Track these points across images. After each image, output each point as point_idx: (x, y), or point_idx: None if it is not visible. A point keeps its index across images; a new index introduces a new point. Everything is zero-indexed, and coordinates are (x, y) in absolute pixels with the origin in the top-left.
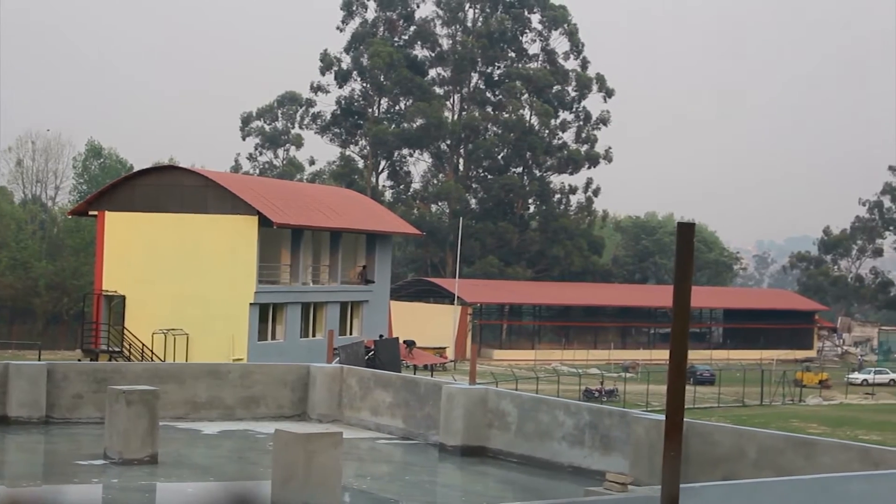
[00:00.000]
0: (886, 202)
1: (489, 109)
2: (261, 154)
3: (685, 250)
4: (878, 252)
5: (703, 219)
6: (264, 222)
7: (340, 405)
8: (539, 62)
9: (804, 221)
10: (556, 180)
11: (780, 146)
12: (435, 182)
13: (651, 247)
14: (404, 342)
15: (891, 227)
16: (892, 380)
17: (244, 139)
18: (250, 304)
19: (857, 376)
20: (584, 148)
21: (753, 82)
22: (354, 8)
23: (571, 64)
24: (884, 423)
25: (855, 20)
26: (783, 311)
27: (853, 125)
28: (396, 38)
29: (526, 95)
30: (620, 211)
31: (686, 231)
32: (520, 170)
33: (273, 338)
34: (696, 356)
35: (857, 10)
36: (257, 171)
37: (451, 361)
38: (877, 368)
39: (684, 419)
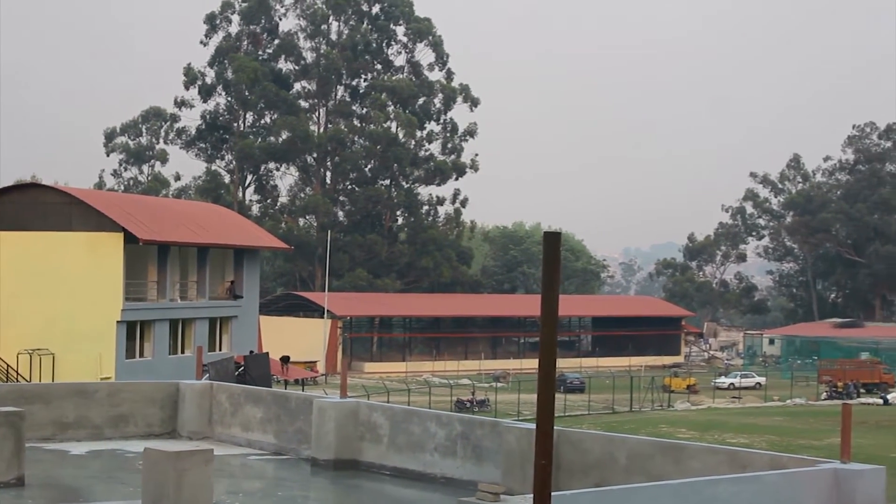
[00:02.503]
0: (749, 208)
1: (355, 122)
2: (125, 170)
3: (552, 259)
4: (742, 257)
5: (569, 228)
6: (130, 239)
7: (211, 422)
8: (404, 74)
9: (669, 228)
10: (424, 191)
11: (644, 154)
12: (302, 195)
13: (519, 256)
14: (280, 358)
15: (753, 233)
16: (758, 383)
17: (108, 155)
18: (117, 321)
19: (724, 380)
20: (451, 158)
21: (616, 92)
22: (218, 22)
23: (436, 75)
24: (750, 426)
25: (707, 32)
26: (650, 318)
27: (714, 132)
28: (260, 52)
29: (392, 107)
30: (488, 221)
31: (552, 240)
32: (387, 182)
33: (141, 355)
34: (565, 364)
35: (706, 26)
36: (122, 187)
37: (322, 375)
38: (743, 372)
39: (555, 427)
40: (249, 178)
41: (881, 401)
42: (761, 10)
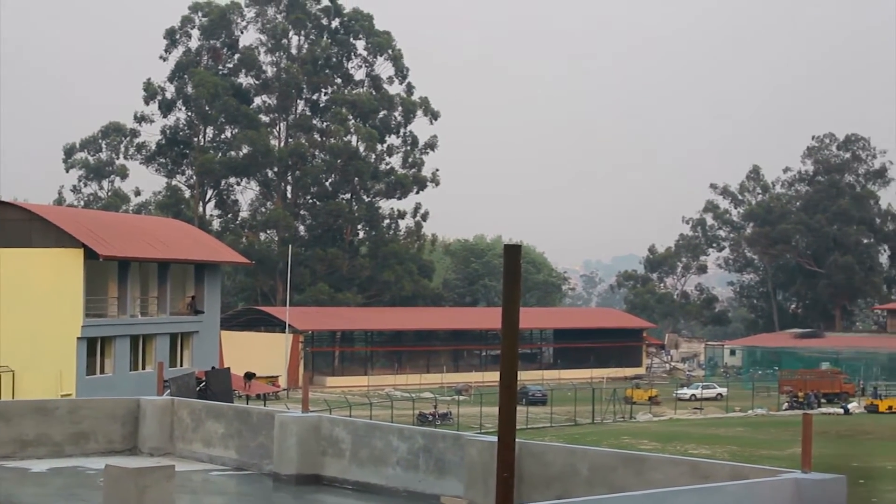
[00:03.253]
0: (709, 219)
1: (316, 136)
2: (85, 186)
3: (513, 272)
4: (703, 269)
5: (530, 240)
6: (90, 255)
7: (172, 438)
8: (365, 88)
9: (630, 241)
10: (385, 205)
11: (605, 166)
12: (263, 210)
13: (480, 269)
14: (244, 374)
15: (714, 244)
16: (720, 394)
17: (67, 171)
18: (77, 338)
19: (686, 392)
20: (412, 172)
21: (577, 104)
22: (178, 37)
23: (396, 89)
24: (712, 437)
25: (664, 45)
26: (612, 330)
27: (674, 144)
28: (221, 67)
29: (352, 121)
30: (449, 234)
31: (513, 253)
32: (348, 196)
33: (102, 372)
34: (527, 377)
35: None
36: (82, 203)
37: (284, 390)
38: (704, 383)
39: (517, 440)
40: (210, 192)
41: (842, 410)
42: (719, 20)
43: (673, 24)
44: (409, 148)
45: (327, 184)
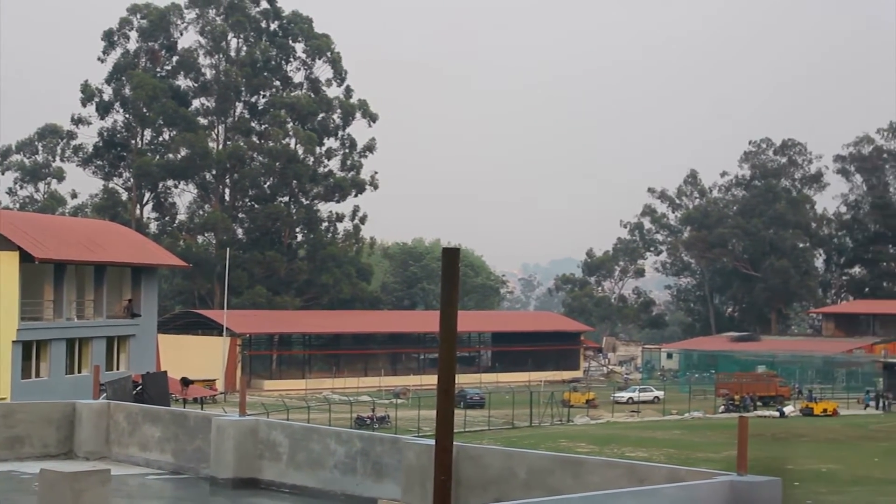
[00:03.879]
0: (647, 224)
1: (254, 139)
2: (21, 188)
3: (451, 275)
4: (640, 272)
5: (469, 244)
6: (25, 258)
7: (108, 441)
8: (303, 90)
9: (568, 244)
10: (324, 208)
11: (543, 169)
12: (201, 213)
13: (419, 273)
14: (181, 380)
15: (651, 248)
16: (657, 397)
17: (3, 173)
18: (13, 341)
19: (623, 395)
20: (350, 175)
21: (513, 106)
22: (116, 38)
23: (335, 91)
24: (649, 440)
25: (603, 49)
26: (550, 333)
27: (612, 148)
28: (159, 69)
29: (291, 124)
30: (388, 238)
31: (451, 256)
32: (286, 198)
33: (37, 375)
34: (465, 380)
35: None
36: (17, 205)
37: (222, 393)
38: (641, 386)
39: (454, 443)
40: (147, 195)
41: (777, 413)
42: (657, 26)
43: (611, 28)
44: (347, 151)
45: (266, 187)
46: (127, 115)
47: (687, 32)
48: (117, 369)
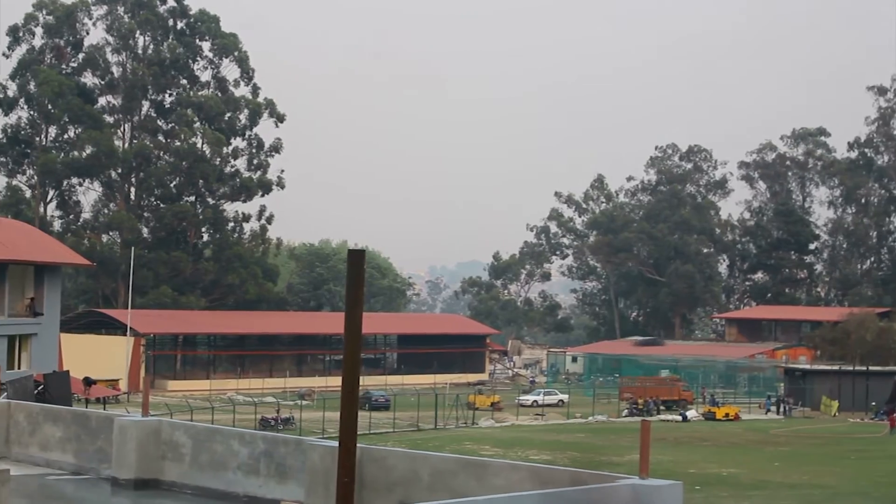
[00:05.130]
0: (553, 227)
1: (161, 137)
2: None
3: (356, 277)
4: (546, 276)
5: (376, 245)
6: None
7: (8, 441)
8: (210, 90)
9: (475, 247)
10: (230, 208)
11: (451, 172)
12: (106, 211)
13: (325, 274)
14: (83, 380)
15: (557, 252)
16: (561, 400)
17: None
18: None
19: (528, 398)
20: (257, 175)
21: (423, 108)
22: (21, 34)
23: (242, 91)
24: (553, 443)
25: (519, 50)
26: (456, 336)
27: (520, 151)
28: (65, 66)
29: (198, 123)
30: (295, 238)
31: (356, 258)
32: (192, 198)
33: None
34: (371, 382)
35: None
36: None
37: (125, 393)
38: (546, 389)
39: (359, 445)
40: (51, 193)
41: (680, 417)
42: (566, 33)
43: (520, 31)
44: (254, 150)
45: (172, 186)
46: (32, 112)
47: (596, 37)
48: (19, 368)
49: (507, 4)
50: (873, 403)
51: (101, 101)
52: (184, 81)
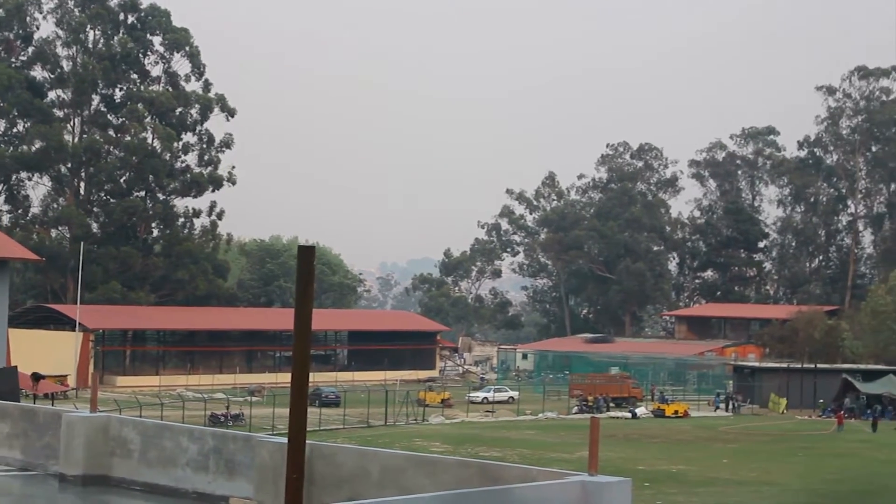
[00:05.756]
0: (504, 224)
1: (111, 132)
2: None
3: (306, 273)
4: (497, 273)
5: (327, 242)
6: None
7: None
8: (161, 84)
9: (426, 244)
10: (180, 204)
11: (403, 170)
12: (55, 206)
13: (276, 270)
14: (31, 375)
15: (508, 249)
16: (511, 397)
17: None
18: None
19: (478, 395)
20: (208, 170)
21: (373, 103)
22: None
23: (193, 86)
24: (503, 440)
25: (463, 45)
26: (406, 333)
27: (471, 147)
28: (14, 60)
29: (148, 118)
30: (245, 234)
31: (306, 254)
32: (143, 193)
33: None
34: (321, 378)
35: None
36: None
37: (73, 389)
38: (496, 386)
39: (308, 441)
40: (0, 187)
41: (630, 415)
42: (520, 29)
43: (474, 27)
44: (205, 146)
45: (122, 181)
46: None
47: (549, 38)
48: None
49: (458, 5)
50: (821, 401)
51: (51, 95)
52: (134, 76)
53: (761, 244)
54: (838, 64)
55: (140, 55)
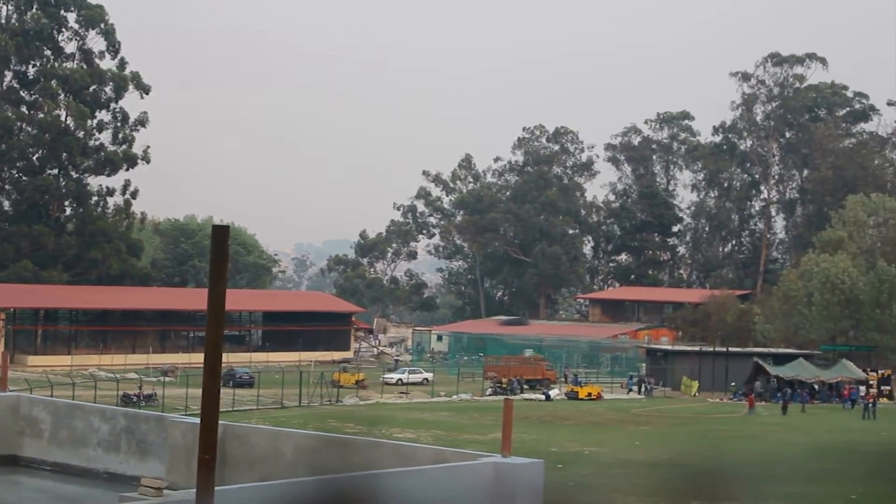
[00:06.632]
0: (420, 206)
1: (24, 109)
2: None
3: (220, 253)
4: (413, 255)
5: (242, 222)
6: None
7: None
8: (76, 62)
9: (342, 225)
10: (94, 182)
11: (319, 150)
12: None
13: (191, 250)
14: None
15: (424, 231)
16: (426, 379)
17: None
18: None
19: (393, 376)
20: (122, 149)
21: (288, 85)
22: None
23: (108, 63)
24: (417, 421)
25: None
26: (321, 313)
27: (387, 128)
28: None
29: (62, 95)
30: (160, 213)
31: (220, 234)
32: (56, 171)
33: None
34: (235, 359)
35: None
36: None
37: None
38: (411, 368)
39: (221, 422)
40: None
41: (543, 397)
42: (437, 10)
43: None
44: (119, 124)
45: (34, 159)
46: None
47: (466, 20)
48: None
49: None
50: (732, 384)
51: None
52: (48, 53)
53: (675, 228)
54: (752, 49)
55: (54, 31)
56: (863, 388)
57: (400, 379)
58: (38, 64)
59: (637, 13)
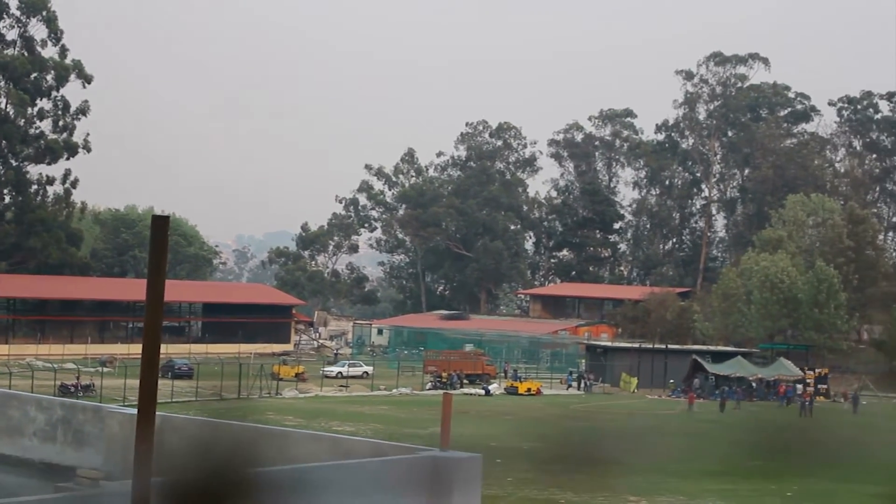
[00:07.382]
0: (363, 200)
1: None
2: None
3: (159, 243)
4: (354, 248)
5: (183, 213)
6: None
7: None
8: (17, 49)
9: (283, 217)
10: (34, 170)
11: (261, 141)
12: None
13: (131, 240)
14: None
15: (366, 225)
16: (366, 372)
17: None
18: None
19: (333, 369)
20: (62, 137)
21: (236, 76)
22: None
23: (50, 51)
24: (356, 414)
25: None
26: (261, 306)
27: (329, 121)
28: None
29: (2, 82)
30: (100, 203)
31: (160, 224)
32: None
33: None
34: (174, 350)
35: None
36: None
37: None
38: (351, 361)
39: (159, 413)
40: None
41: (483, 391)
42: (391, 10)
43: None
44: (60, 112)
45: None
46: None
47: (422, 17)
48: None
49: None
50: (671, 381)
51: None
52: None
53: (617, 225)
54: (697, 48)
55: None
56: (800, 387)
57: (340, 372)
58: None
59: (580, 10)
